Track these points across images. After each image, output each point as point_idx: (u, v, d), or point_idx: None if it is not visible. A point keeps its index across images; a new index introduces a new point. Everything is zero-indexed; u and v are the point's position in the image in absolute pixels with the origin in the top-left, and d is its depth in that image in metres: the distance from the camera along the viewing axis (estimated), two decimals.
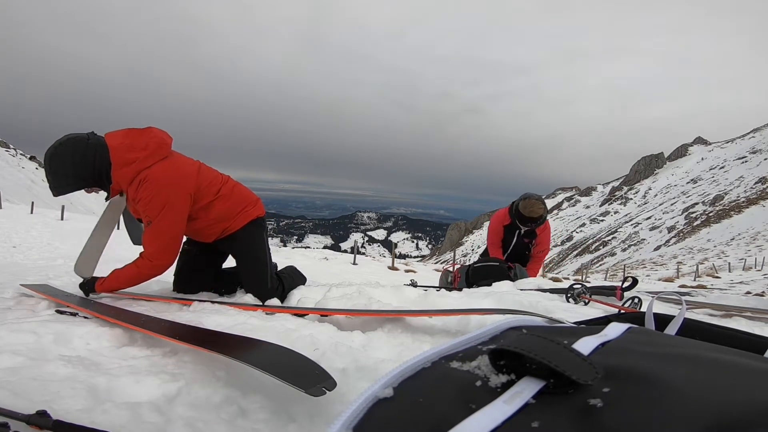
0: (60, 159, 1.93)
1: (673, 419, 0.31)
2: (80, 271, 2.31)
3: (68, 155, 1.95)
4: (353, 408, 0.37)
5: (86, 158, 1.95)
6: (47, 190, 13.41)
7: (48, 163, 1.93)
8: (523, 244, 3.82)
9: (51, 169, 1.94)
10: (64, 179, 1.95)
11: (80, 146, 1.95)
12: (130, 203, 2.14)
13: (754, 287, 14.23)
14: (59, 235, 8.98)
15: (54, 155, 1.92)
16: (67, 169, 1.94)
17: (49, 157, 1.92)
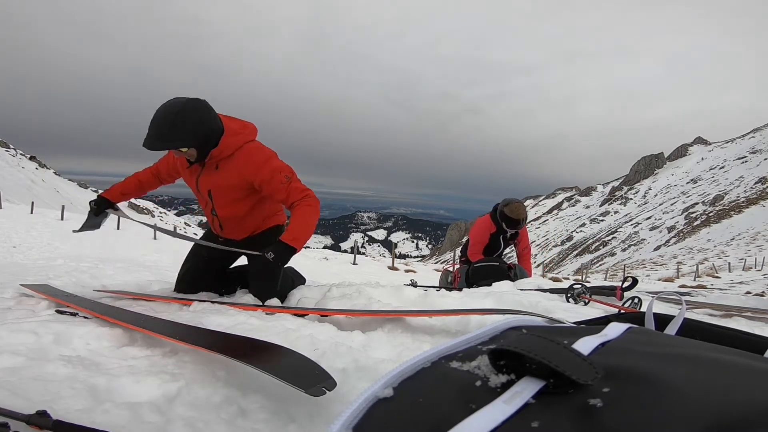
0: (189, 113, 1.94)
1: (673, 419, 0.31)
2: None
3: (198, 111, 1.99)
4: (353, 408, 0.37)
5: (211, 120, 2.03)
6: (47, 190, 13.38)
7: (172, 114, 1.91)
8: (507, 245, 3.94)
9: (172, 121, 1.91)
10: (181, 132, 1.93)
11: (209, 107, 2.04)
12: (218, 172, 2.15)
13: (754, 287, 14.24)
14: (59, 235, 8.98)
15: (184, 109, 1.93)
16: (189, 124, 1.94)
17: (178, 109, 1.91)
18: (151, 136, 1.91)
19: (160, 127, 1.91)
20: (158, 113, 1.92)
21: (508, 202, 3.72)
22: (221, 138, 2.07)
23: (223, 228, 2.36)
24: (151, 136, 1.90)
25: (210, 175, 2.17)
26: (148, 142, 1.92)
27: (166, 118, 1.91)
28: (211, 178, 2.18)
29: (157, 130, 1.90)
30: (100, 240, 9.20)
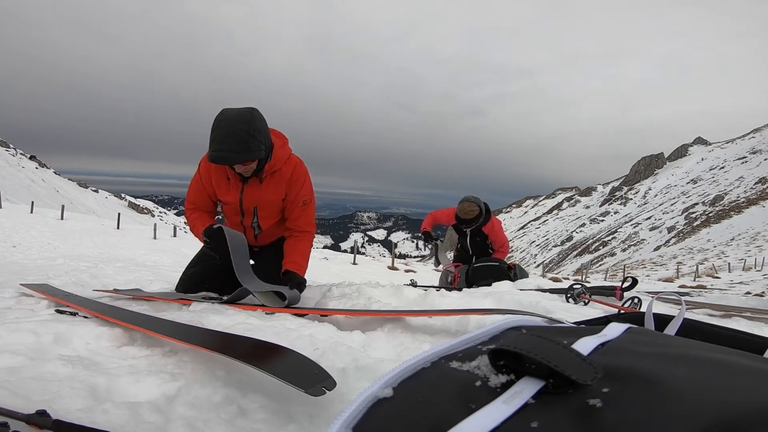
0: (260, 123, 1.87)
1: (672, 419, 0.31)
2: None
3: (263, 122, 1.92)
4: (353, 408, 0.37)
5: (267, 129, 1.97)
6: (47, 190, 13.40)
7: (247, 123, 1.82)
8: (479, 245, 3.94)
9: (248, 131, 1.81)
10: (259, 143, 1.86)
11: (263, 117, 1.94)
12: (264, 186, 2.11)
13: (754, 287, 14.24)
14: (59, 235, 8.99)
15: (254, 118, 1.85)
16: (262, 134, 1.88)
17: (249, 118, 1.83)
18: (230, 150, 1.79)
19: (240, 138, 1.79)
20: (229, 124, 1.81)
21: (463, 200, 3.81)
22: (274, 149, 2.02)
23: (258, 238, 2.35)
24: (230, 149, 1.79)
25: (255, 191, 2.10)
26: (225, 157, 1.81)
27: (242, 129, 1.80)
28: (257, 194, 2.11)
29: (237, 143, 1.79)
30: (100, 239, 9.21)
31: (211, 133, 1.86)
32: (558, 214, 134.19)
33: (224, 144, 1.80)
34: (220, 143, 1.80)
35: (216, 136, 1.82)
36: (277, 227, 2.33)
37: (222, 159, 1.83)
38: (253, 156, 1.86)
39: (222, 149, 1.81)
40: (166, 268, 5.38)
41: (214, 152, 1.82)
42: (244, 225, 2.27)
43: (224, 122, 1.82)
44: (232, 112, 1.85)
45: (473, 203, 3.75)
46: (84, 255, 6.14)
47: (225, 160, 1.84)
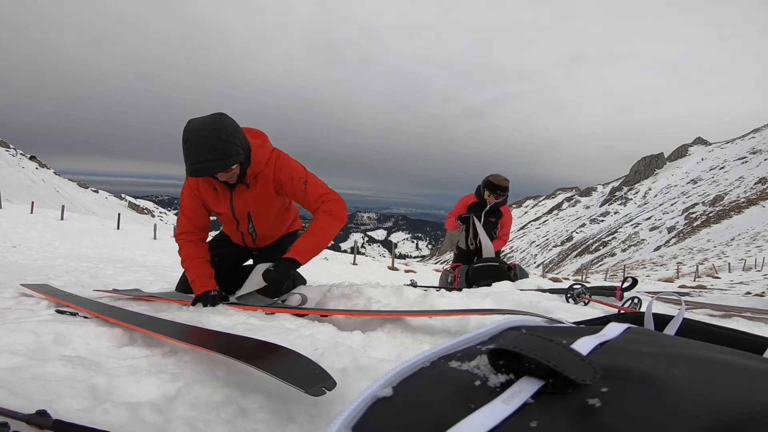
0: (230, 127, 1.78)
1: (672, 419, 0.31)
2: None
3: (234, 125, 1.83)
4: (353, 407, 0.37)
5: (240, 131, 1.88)
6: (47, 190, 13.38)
7: (216, 130, 1.74)
8: (490, 225, 3.99)
9: (219, 137, 1.73)
10: (233, 147, 1.78)
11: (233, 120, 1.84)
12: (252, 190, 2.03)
13: (754, 287, 14.23)
14: (59, 235, 8.99)
15: (224, 123, 1.76)
16: (235, 138, 1.79)
17: (219, 126, 1.75)
18: (206, 160, 1.72)
19: (212, 147, 1.72)
20: (198, 134, 1.73)
21: (493, 173, 3.95)
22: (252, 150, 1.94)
23: (256, 241, 2.31)
24: (205, 159, 1.72)
25: (244, 197, 2.04)
26: (203, 168, 1.73)
27: (214, 136, 1.73)
28: (247, 200, 2.05)
29: (211, 152, 1.72)
30: (100, 240, 9.21)
31: (183, 147, 1.77)
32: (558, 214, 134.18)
33: (200, 155, 1.73)
34: (196, 155, 1.73)
35: (189, 149, 1.74)
36: (275, 227, 2.32)
37: (200, 171, 1.75)
38: (232, 161, 1.78)
39: (198, 161, 1.73)
40: (166, 269, 5.38)
41: (191, 165, 1.75)
42: (241, 231, 2.23)
43: (194, 132, 1.74)
44: (199, 121, 1.77)
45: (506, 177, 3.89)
46: (84, 255, 6.14)
47: (204, 171, 1.76)
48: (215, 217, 2.25)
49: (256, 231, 2.23)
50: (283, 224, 2.35)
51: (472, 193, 4.08)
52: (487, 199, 3.91)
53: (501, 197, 3.90)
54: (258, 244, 2.37)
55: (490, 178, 3.89)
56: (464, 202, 4.10)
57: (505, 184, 3.85)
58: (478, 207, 4.01)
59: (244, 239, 2.31)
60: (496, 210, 3.99)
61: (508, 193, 3.94)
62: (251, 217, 2.14)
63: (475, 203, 4.03)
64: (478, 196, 4.00)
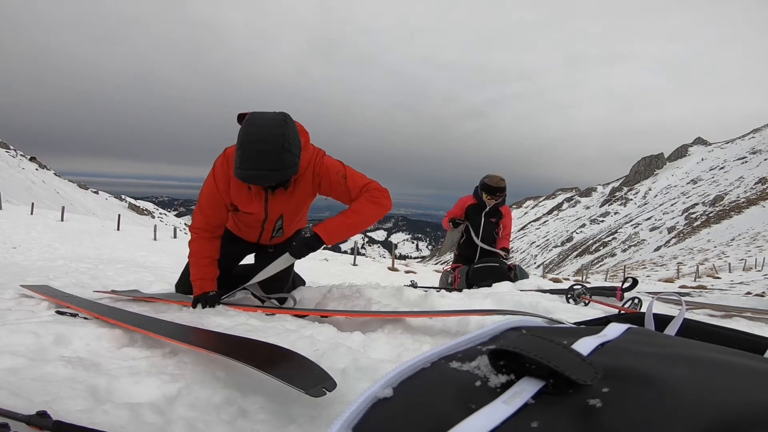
0: (293, 133, 1.69)
1: (672, 419, 0.31)
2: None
3: (295, 131, 1.73)
4: (353, 408, 0.37)
5: (299, 136, 1.77)
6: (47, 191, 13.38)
7: (280, 136, 1.63)
8: (491, 225, 4.00)
9: (285, 146, 1.63)
10: (294, 157, 1.69)
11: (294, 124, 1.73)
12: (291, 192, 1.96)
13: (755, 288, 14.22)
14: (59, 236, 8.99)
15: (288, 129, 1.65)
16: (296, 145, 1.71)
17: (284, 130, 1.64)
18: (263, 168, 1.63)
19: (276, 155, 1.63)
20: (262, 138, 1.62)
21: (487, 176, 3.93)
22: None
23: (273, 238, 2.26)
24: (262, 167, 1.63)
25: (282, 200, 1.98)
26: (257, 176, 1.64)
27: (277, 144, 1.62)
28: (283, 202, 1.99)
29: (273, 161, 1.63)
30: (100, 241, 9.21)
31: (239, 146, 1.66)
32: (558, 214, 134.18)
33: (258, 162, 1.62)
34: (253, 161, 1.62)
35: (247, 152, 1.63)
36: (297, 225, 2.29)
37: (257, 179, 1.66)
38: (289, 173, 1.71)
39: (254, 167, 1.63)
40: (167, 270, 5.38)
41: (248, 170, 1.64)
42: (264, 228, 2.16)
43: (257, 135, 1.63)
44: (264, 121, 1.66)
45: (502, 177, 3.90)
46: (84, 256, 6.14)
47: (258, 180, 1.67)
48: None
49: (285, 230, 2.19)
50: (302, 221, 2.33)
51: (471, 194, 4.08)
52: (486, 201, 3.91)
53: (499, 198, 3.90)
54: (275, 241, 2.33)
55: (486, 180, 3.89)
56: (462, 203, 4.10)
57: (502, 184, 3.85)
58: (477, 208, 4.01)
59: (261, 236, 2.23)
60: (496, 210, 3.99)
61: (506, 193, 3.94)
62: (283, 217, 2.10)
63: (473, 205, 4.03)
64: (476, 198, 4.00)
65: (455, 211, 4.12)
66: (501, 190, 3.85)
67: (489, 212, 3.97)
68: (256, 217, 2.07)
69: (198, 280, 2.01)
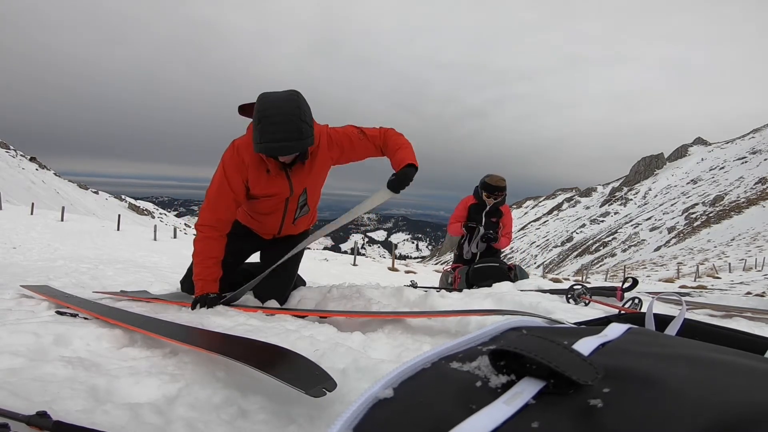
0: (306, 106, 1.76)
1: (673, 419, 0.31)
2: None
3: (307, 105, 1.80)
4: (353, 408, 0.37)
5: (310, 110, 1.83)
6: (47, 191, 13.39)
7: (296, 108, 1.71)
8: (492, 225, 4.01)
9: (302, 117, 1.71)
10: (310, 129, 1.76)
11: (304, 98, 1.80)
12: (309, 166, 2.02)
13: (755, 288, 14.23)
14: (59, 236, 8.99)
15: (301, 102, 1.74)
16: (310, 118, 1.79)
17: (298, 103, 1.73)
18: (284, 139, 1.69)
19: (293, 127, 1.69)
20: (281, 111, 1.69)
21: (488, 175, 3.96)
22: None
23: (297, 219, 2.25)
24: (283, 139, 1.69)
25: (302, 174, 2.03)
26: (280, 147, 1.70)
27: (295, 115, 1.70)
28: (304, 176, 2.04)
29: (293, 131, 1.69)
30: (100, 241, 9.21)
31: (257, 122, 1.72)
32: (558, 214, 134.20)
33: (279, 133, 1.69)
34: (274, 133, 1.69)
35: (267, 126, 1.69)
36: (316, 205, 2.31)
37: (280, 150, 1.72)
38: (308, 143, 1.77)
39: (276, 139, 1.69)
40: (167, 270, 5.38)
41: (270, 143, 1.71)
42: (288, 207, 2.15)
43: (274, 109, 1.69)
44: (279, 97, 1.74)
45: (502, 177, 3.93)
46: (84, 256, 6.14)
47: (281, 150, 1.72)
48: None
49: (309, 206, 2.21)
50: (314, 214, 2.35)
51: (471, 195, 4.09)
52: (486, 200, 3.92)
53: (499, 197, 3.91)
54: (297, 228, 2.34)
55: (487, 179, 3.90)
56: (464, 204, 4.10)
57: (502, 184, 3.86)
58: (478, 208, 4.02)
59: (284, 220, 2.21)
60: (496, 210, 4.00)
61: (507, 192, 3.95)
62: (306, 191, 2.13)
63: (474, 204, 4.04)
64: (477, 198, 4.01)
65: (459, 214, 4.12)
66: (501, 189, 3.86)
67: (489, 212, 3.99)
68: (279, 197, 2.07)
69: (200, 280, 2.01)
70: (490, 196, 3.88)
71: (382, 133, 2.13)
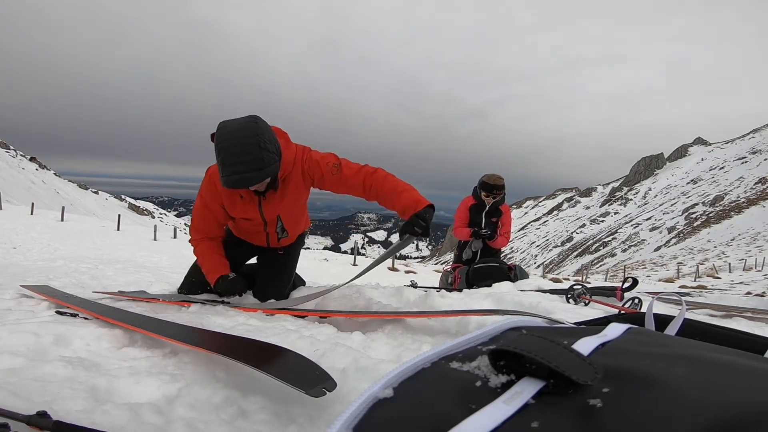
0: (267, 133, 1.71)
1: (672, 419, 0.31)
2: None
3: (269, 129, 1.75)
4: (353, 408, 0.37)
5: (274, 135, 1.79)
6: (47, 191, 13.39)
7: (254, 136, 1.65)
8: (492, 225, 4.03)
9: (261, 144, 1.66)
10: (272, 156, 1.71)
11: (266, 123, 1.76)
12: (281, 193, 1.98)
13: (755, 288, 14.23)
14: (59, 236, 8.99)
15: (260, 129, 1.67)
16: (272, 143, 1.73)
17: (256, 131, 1.66)
18: (244, 171, 1.64)
19: (250, 157, 1.64)
20: (239, 141, 1.63)
21: (487, 173, 3.98)
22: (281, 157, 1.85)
23: (281, 241, 2.28)
24: (243, 170, 1.64)
25: (274, 202, 2.00)
26: (241, 179, 1.65)
27: (252, 144, 1.64)
28: (276, 203, 2.01)
29: (252, 161, 1.64)
30: (100, 241, 9.21)
31: (217, 154, 1.68)
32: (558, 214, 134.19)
33: (238, 166, 1.64)
34: (234, 165, 1.64)
35: (226, 158, 1.65)
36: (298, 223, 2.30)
37: (238, 182, 1.67)
38: (271, 171, 1.72)
39: (236, 171, 1.65)
40: (167, 270, 5.38)
41: (231, 176, 1.66)
42: (267, 232, 2.18)
43: (231, 140, 1.64)
44: (235, 126, 1.68)
45: (499, 175, 3.94)
46: (84, 256, 6.14)
47: (242, 183, 1.67)
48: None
49: (287, 230, 2.21)
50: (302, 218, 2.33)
51: (470, 195, 4.10)
52: (485, 200, 3.93)
53: (498, 196, 3.92)
54: (283, 243, 2.34)
55: (485, 179, 3.92)
56: (464, 205, 4.11)
57: (500, 182, 3.88)
58: (478, 209, 4.03)
59: (268, 240, 2.25)
60: (496, 209, 4.01)
61: (505, 191, 3.96)
62: (280, 218, 2.12)
63: (474, 205, 4.05)
64: (476, 198, 4.02)
65: (461, 216, 4.12)
66: (499, 188, 3.88)
67: (489, 212, 4.00)
68: (255, 222, 2.10)
69: (210, 272, 2.07)
70: (488, 195, 3.89)
71: (365, 173, 1.97)
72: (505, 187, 3.92)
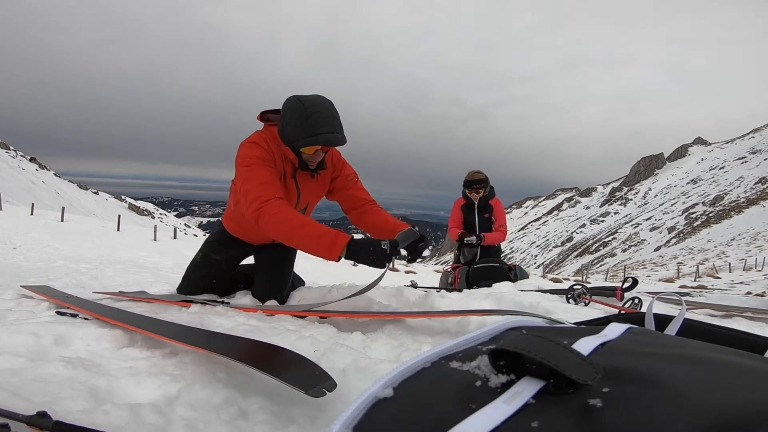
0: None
1: (672, 419, 0.31)
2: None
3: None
4: (353, 408, 0.37)
5: None
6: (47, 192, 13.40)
7: (332, 105, 1.83)
8: (485, 222, 4.07)
9: (337, 112, 1.83)
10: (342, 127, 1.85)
11: None
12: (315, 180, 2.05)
13: (755, 287, 14.22)
14: (59, 237, 8.98)
15: (330, 102, 1.83)
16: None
17: (329, 103, 1.82)
18: (335, 131, 1.79)
19: (337, 120, 1.81)
20: (327, 107, 1.81)
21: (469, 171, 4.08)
22: None
23: None
24: (335, 131, 1.79)
25: (309, 185, 2.04)
26: (335, 138, 1.79)
27: (335, 111, 1.82)
28: (310, 189, 2.05)
29: (338, 125, 1.81)
30: (100, 241, 9.21)
31: (305, 118, 1.77)
32: (558, 214, 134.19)
33: (334, 126, 1.79)
34: (329, 125, 1.78)
35: (321, 119, 1.77)
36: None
37: (335, 140, 1.79)
38: (344, 139, 1.84)
39: (334, 130, 1.78)
40: (167, 270, 5.38)
41: (328, 134, 1.77)
42: None
43: (320, 106, 1.79)
44: (321, 98, 1.83)
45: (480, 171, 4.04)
46: (84, 257, 6.15)
47: (338, 141, 1.81)
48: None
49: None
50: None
51: (461, 196, 4.15)
52: (471, 196, 4.01)
53: (481, 191, 3.98)
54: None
55: (467, 176, 4.01)
56: (457, 205, 4.18)
57: (480, 176, 3.96)
58: (469, 207, 4.10)
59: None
60: (486, 205, 4.06)
61: (492, 186, 4.03)
62: (308, 206, 2.14)
63: (465, 204, 4.12)
64: (465, 197, 4.09)
65: (455, 216, 4.18)
66: (478, 181, 3.95)
67: (480, 208, 4.05)
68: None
69: (321, 237, 1.67)
70: (472, 191, 3.97)
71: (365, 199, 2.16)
72: (488, 181, 4.00)
